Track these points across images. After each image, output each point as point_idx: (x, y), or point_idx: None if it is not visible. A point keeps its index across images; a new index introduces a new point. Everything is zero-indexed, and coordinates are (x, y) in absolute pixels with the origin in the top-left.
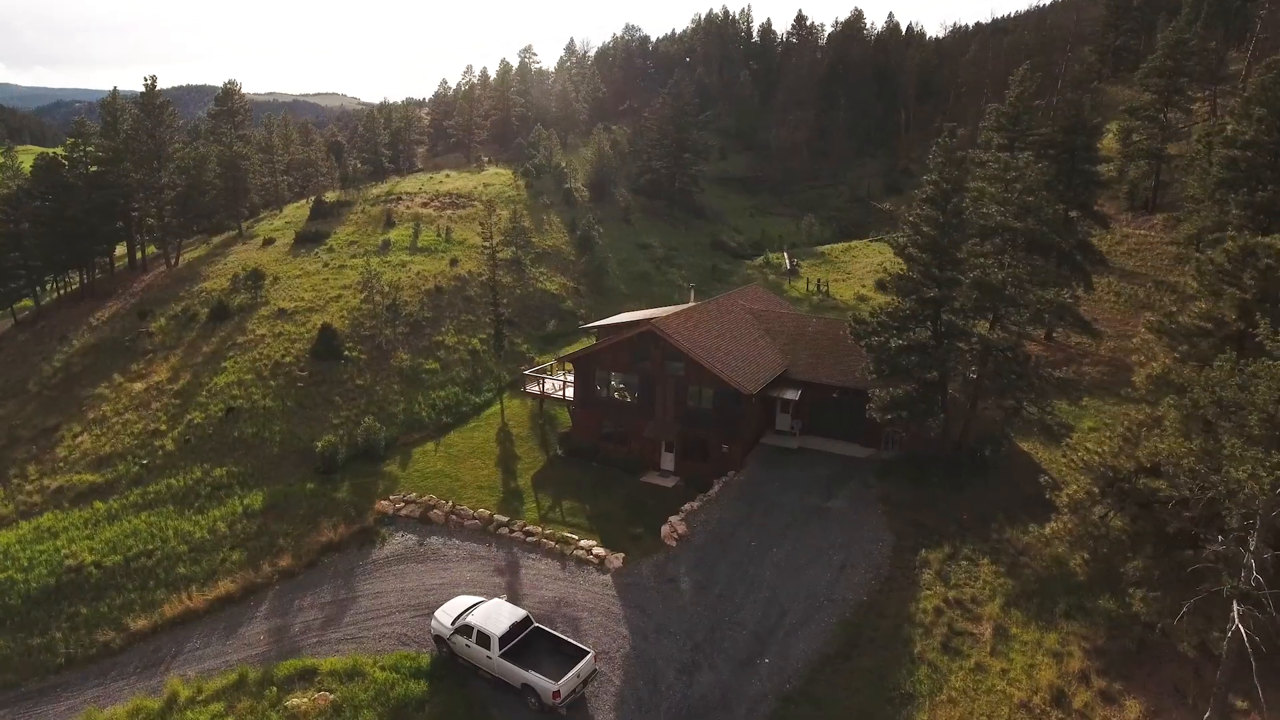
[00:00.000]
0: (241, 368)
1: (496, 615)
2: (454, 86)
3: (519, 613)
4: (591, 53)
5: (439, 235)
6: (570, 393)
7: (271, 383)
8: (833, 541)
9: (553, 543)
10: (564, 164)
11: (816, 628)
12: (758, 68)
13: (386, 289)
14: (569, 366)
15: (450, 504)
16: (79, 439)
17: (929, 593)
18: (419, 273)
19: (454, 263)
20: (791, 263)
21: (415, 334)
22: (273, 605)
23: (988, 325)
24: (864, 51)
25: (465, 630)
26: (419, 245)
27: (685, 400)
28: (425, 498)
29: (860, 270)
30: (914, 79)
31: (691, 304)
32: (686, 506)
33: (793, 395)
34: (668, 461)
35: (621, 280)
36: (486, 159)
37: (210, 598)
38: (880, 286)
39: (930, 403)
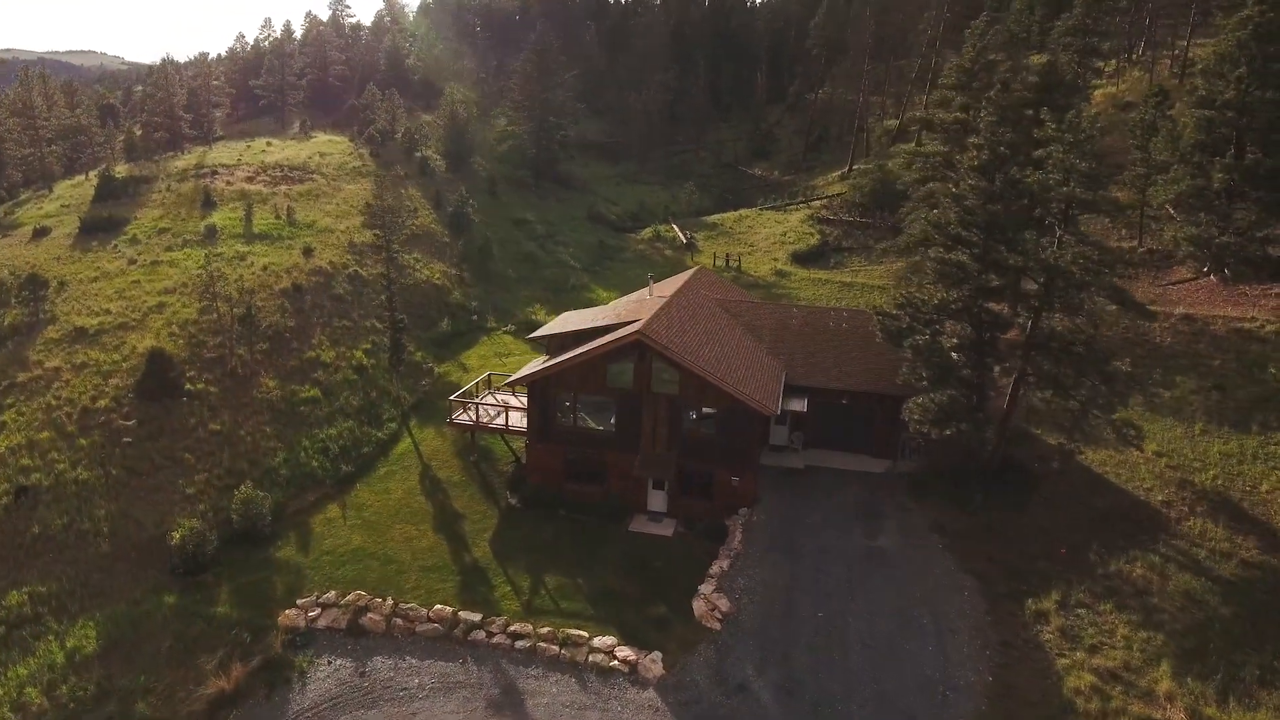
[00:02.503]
0: (30, 422)
1: None
2: (252, 42)
3: None
4: (413, 6)
5: (279, 217)
6: (514, 420)
7: (81, 441)
8: (910, 597)
9: (555, 647)
10: (414, 130)
11: None
12: (599, 28)
13: (237, 294)
14: (509, 388)
15: (390, 601)
16: None
17: (1066, 661)
18: (266, 267)
19: (309, 252)
20: (686, 236)
21: (278, 350)
22: None
23: (1032, 315)
24: (703, 14)
25: None
26: (256, 231)
27: (680, 425)
28: (351, 595)
29: (763, 242)
30: (764, 42)
31: (650, 297)
32: (715, 569)
33: (799, 406)
34: (657, 501)
35: (507, 264)
36: (309, 123)
37: None
38: (797, 259)
39: (982, 409)
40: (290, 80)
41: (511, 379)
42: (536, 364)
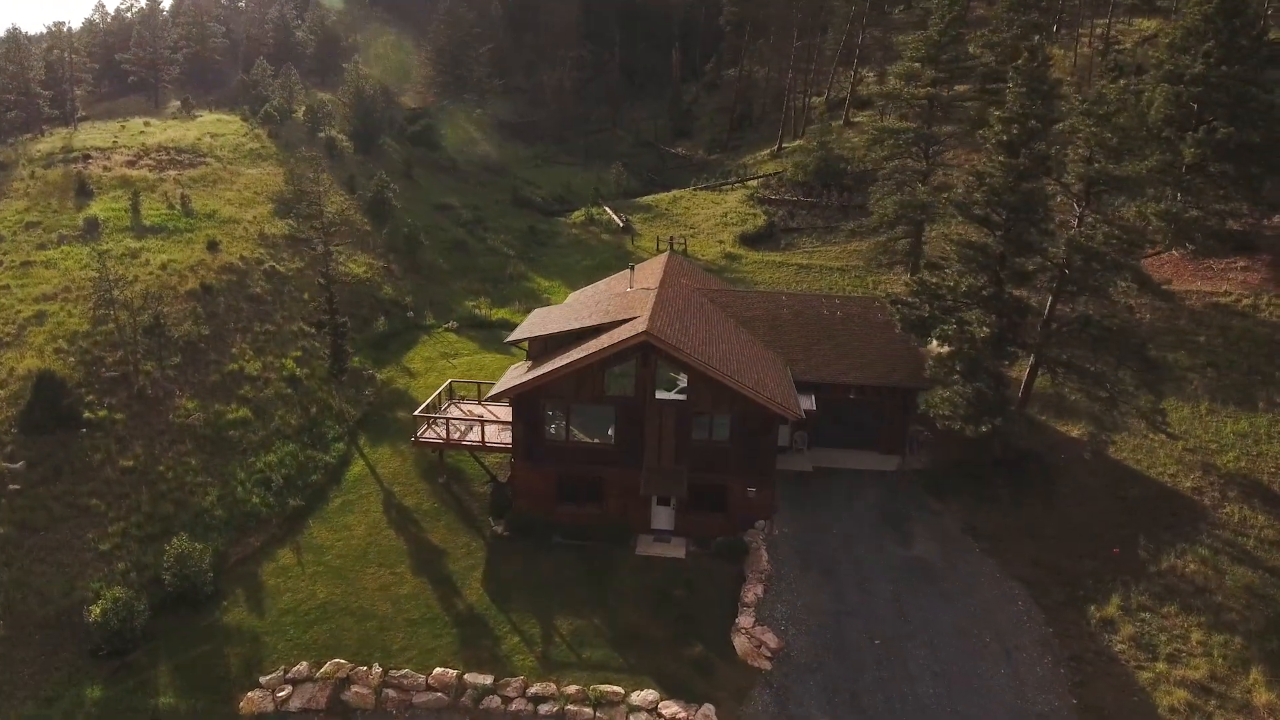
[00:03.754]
0: None
1: None
2: (113, 12)
3: None
4: None
5: (173, 207)
6: (491, 435)
7: None
8: (965, 614)
9: (588, 709)
10: (316, 108)
11: None
12: (504, 3)
13: (141, 300)
14: (477, 397)
15: (378, 668)
16: None
17: (1148, 674)
18: (165, 265)
19: (214, 247)
20: (622, 219)
21: (193, 364)
22: None
23: (1051, 299)
24: None
25: None
26: (146, 223)
27: (688, 434)
28: (328, 665)
29: (704, 224)
30: (677, 16)
31: (632, 289)
32: (748, 596)
33: (807, 404)
34: (663, 518)
35: (437, 253)
36: (191, 101)
37: None
38: (745, 241)
39: (1010, 401)
40: (164, 54)
41: (495, 391)
42: (518, 371)
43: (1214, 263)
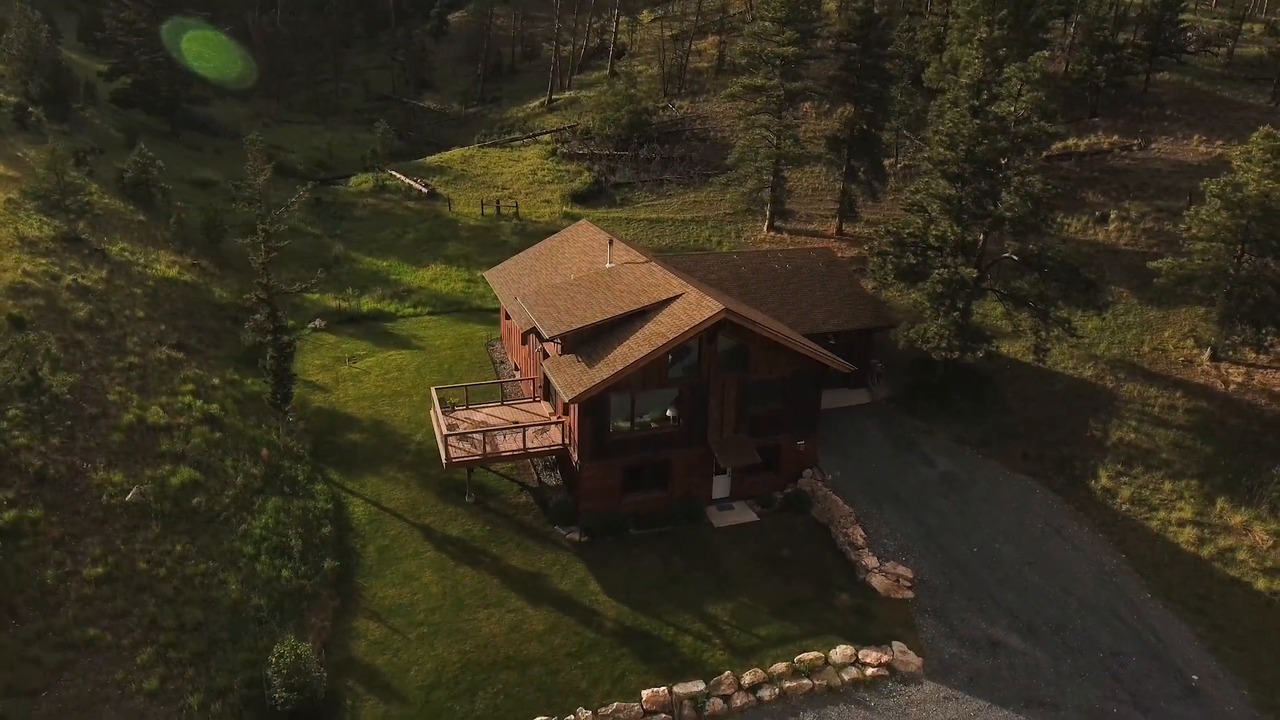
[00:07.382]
0: None
1: None
2: None
3: None
4: None
5: None
6: (531, 440)
7: None
8: (1010, 509)
9: (806, 680)
10: None
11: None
12: None
13: (3, 345)
14: (466, 403)
15: (586, 713)
16: None
17: (1155, 522)
18: None
19: None
20: (423, 185)
21: (76, 425)
22: None
23: (983, 238)
24: None
25: None
26: None
27: (746, 402)
28: None
29: (515, 184)
30: None
31: (612, 265)
32: (856, 538)
33: None
34: (721, 487)
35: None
36: None
37: None
38: (577, 200)
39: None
40: None
41: (574, 393)
42: (573, 368)
43: None
